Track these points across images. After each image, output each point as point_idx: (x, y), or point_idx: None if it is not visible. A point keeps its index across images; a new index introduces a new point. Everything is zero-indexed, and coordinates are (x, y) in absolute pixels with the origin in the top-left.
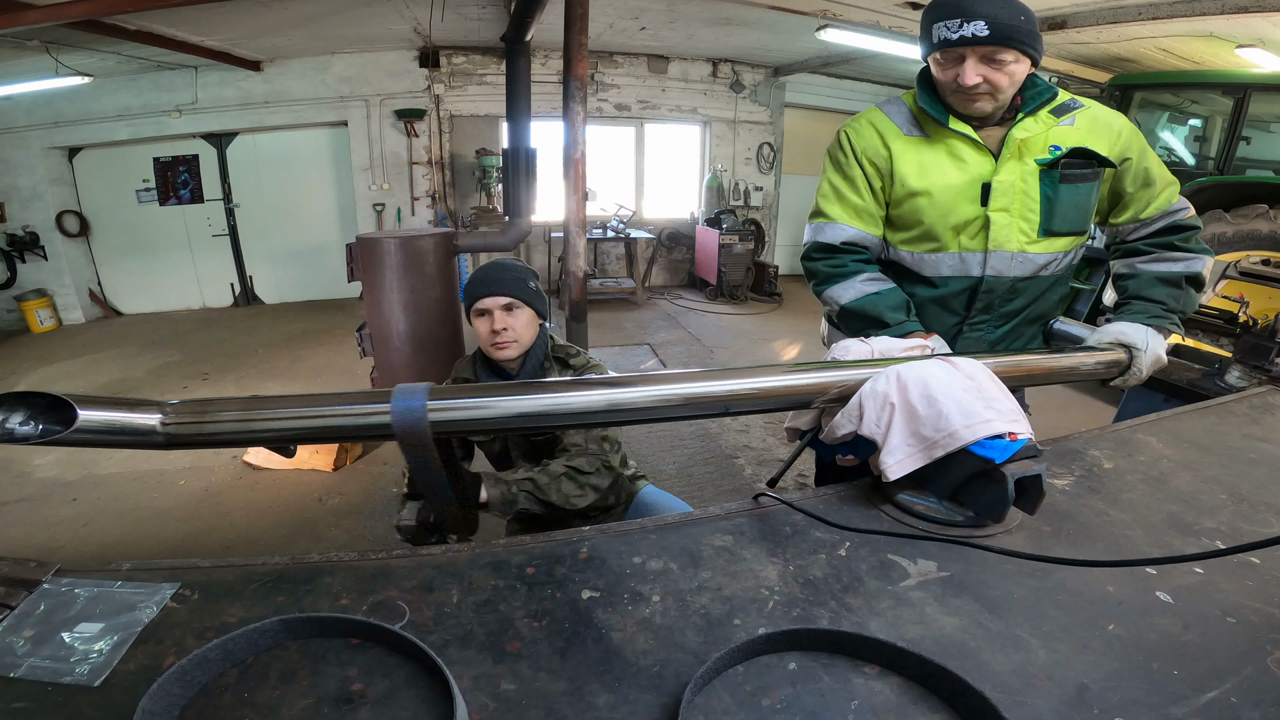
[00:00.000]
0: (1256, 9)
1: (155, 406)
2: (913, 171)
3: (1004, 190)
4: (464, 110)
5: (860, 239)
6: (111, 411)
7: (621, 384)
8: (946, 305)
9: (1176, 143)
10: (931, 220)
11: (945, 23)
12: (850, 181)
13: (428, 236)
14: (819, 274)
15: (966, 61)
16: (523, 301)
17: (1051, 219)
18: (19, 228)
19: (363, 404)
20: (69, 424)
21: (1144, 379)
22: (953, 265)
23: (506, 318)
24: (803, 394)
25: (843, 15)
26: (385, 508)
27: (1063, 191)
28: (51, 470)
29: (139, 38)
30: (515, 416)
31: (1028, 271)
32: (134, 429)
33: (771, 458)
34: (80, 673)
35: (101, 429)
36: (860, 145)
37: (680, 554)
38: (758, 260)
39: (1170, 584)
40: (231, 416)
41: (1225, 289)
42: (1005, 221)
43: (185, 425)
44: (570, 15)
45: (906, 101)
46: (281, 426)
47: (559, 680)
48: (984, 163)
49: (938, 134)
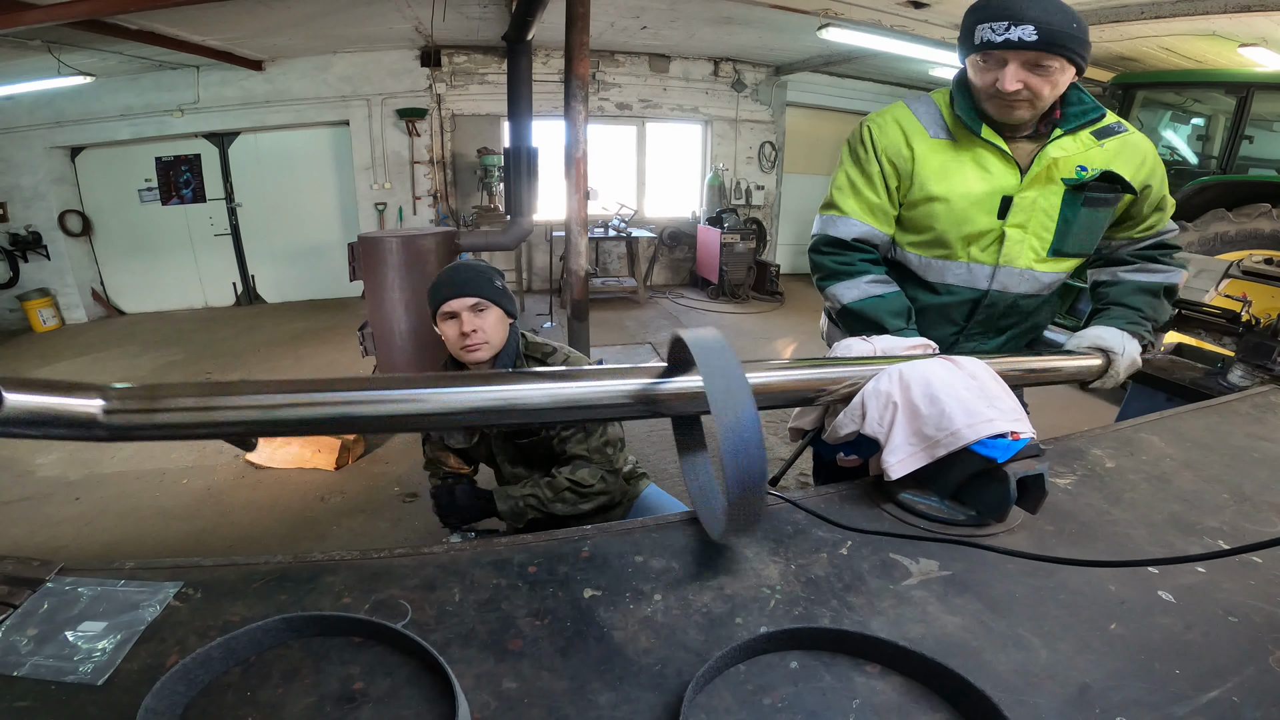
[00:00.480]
0: (1259, 8)
1: (97, 391)
2: (934, 176)
3: (1024, 206)
4: (465, 109)
5: (871, 236)
6: (44, 396)
7: (616, 376)
8: (947, 314)
9: (1179, 142)
10: (945, 227)
11: (991, 24)
12: (868, 177)
13: (429, 236)
14: (825, 269)
15: (1009, 66)
16: (490, 301)
17: (1065, 240)
18: (22, 227)
19: (330, 392)
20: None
21: (1120, 381)
22: (959, 275)
23: (475, 319)
24: (804, 391)
25: (844, 14)
26: (388, 506)
27: (1083, 214)
28: (54, 469)
29: (141, 37)
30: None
31: (1032, 289)
32: (70, 418)
33: (772, 457)
34: (83, 671)
35: (30, 418)
36: (883, 143)
37: (682, 553)
38: (759, 259)
39: (1172, 583)
40: (188, 404)
41: (1228, 288)
42: (1019, 238)
43: (134, 415)
44: (571, 14)
45: (937, 101)
46: (242, 418)
47: (561, 679)
48: (1009, 175)
49: (966, 140)
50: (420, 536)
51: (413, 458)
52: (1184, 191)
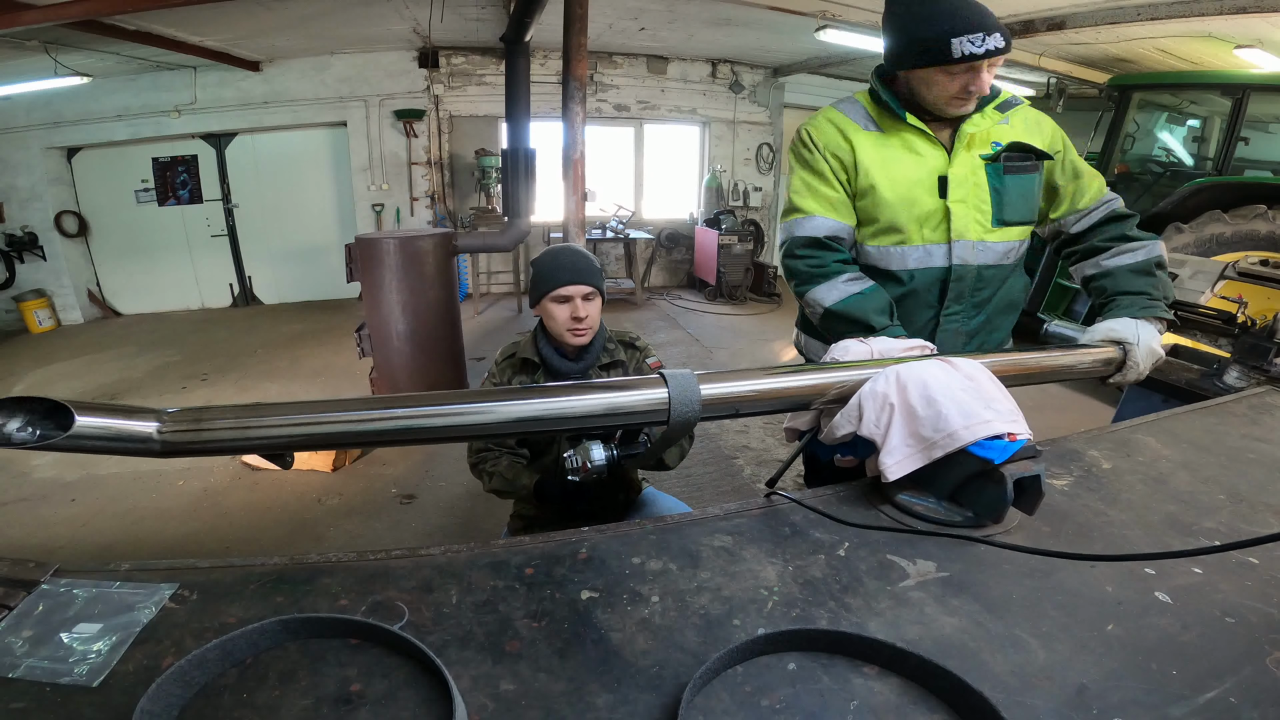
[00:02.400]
0: (1255, 9)
1: (153, 414)
2: (875, 163)
3: (959, 182)
4: (463, 111)
5: (838, 230)
6: (109, 418)
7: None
8: (919, 299)
9: (1175, 143)
10: (895, 211)
11: (969, 37)
12: (819, 175)
13: (427, 237)
14: (799, 274)
15: (983, 72)
16: (600, 291)
17: (1002, 209)
18: (18, 228)
19: (360, 410)
20: (66, 429)
21: (1144, 373)
22: (918, 258)
23: (587, 306)
24: (803, 395)
25: (841, 16)
26: (385, 508)
27: (1008, 183)
28: (50, 470)
29: (138, 38)
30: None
31: (991, 259)
32: (131, 436)
33: (771, 458)
34: (79, 673)
35: (98, 435)
36: (823, 140)
37: (679, 554)
38: (757, 261)
39: (1169, 584)
40: (228, 424)
41: (1224, 289)
42: (963, 212)
43: (182, 433)
44: (569, 15)
45: (860, 100)
46: (278, 434)
47: (558, 680)
48: (938, 156)
49: (893, 129)
50: (417, 538)
51: (410, 459)
52: (1180, 193)
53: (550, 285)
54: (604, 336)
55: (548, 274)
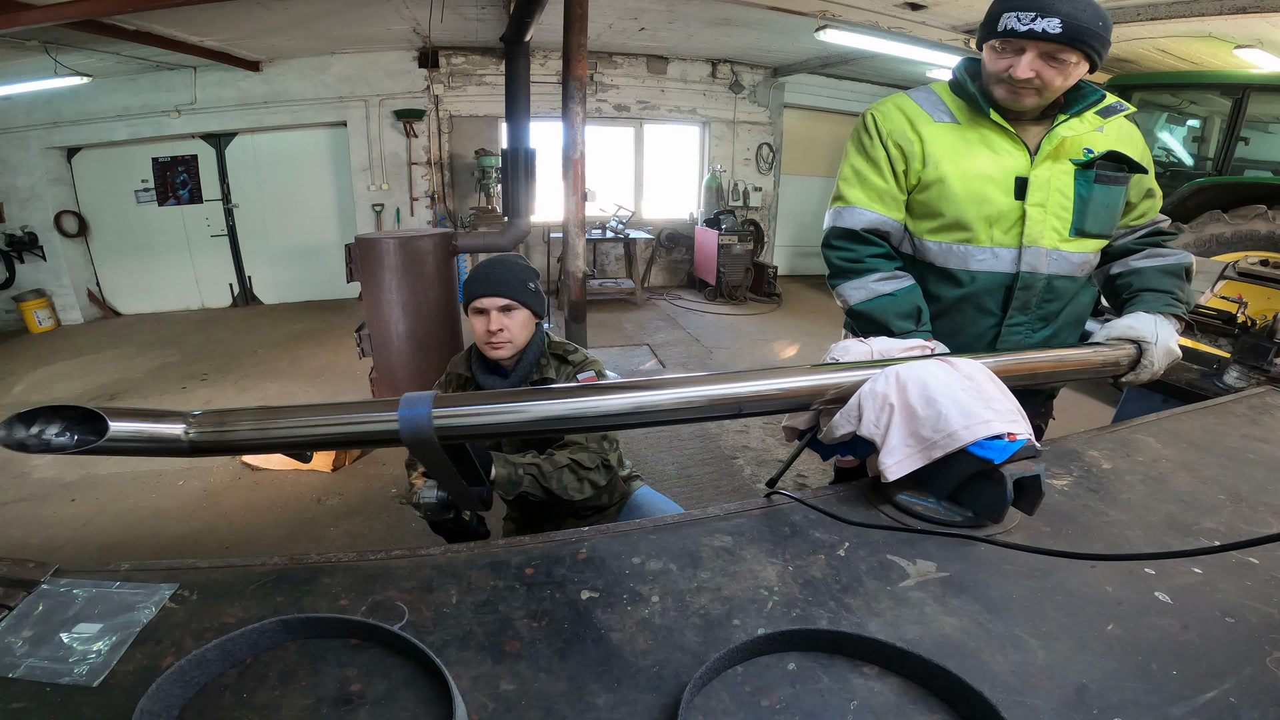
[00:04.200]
0: (1255, 9)
1: (180, 417)
2: (946, 155)
3: (1040, 185)
4: (463, 111)
5: (880, 224)
6: (140, 423)
7: (644, 387)
8: (980, 304)
9: (1175, 143)
10: (963, 208)
11: (1018, 13)
12: (874, 164)
13: (427, 237)
14: (833, 266)
15: (1026, 55)
16: (520, 303)
17: (1084, 219)
18: (18, 228)
19: (371, 412)
20: (101, 434)
21: (1159, 373)
22: (984, 260)
23: (502, 318)
24: (803, 395)
25: (842, 16)
26: (384, 508)
27: (1096, 192)
28: (50, 470)
29: (138, 38)
30: (529, 422)
31: (1065, 270)
32: (161, 438)
33: (770, 458)
34: (79, 673)
35: (131, 439)
36: (887, 127)
37: (679, 554)
38: (757, 261)
39: (1169, 584)
40: (249, 425)
41: (1224, 289)
42: (1040, 217)
43: (207, 434)
44: (569, 16)
45: (937, 90)
46: (296, 434)
47: (558, 680)
48: (1018, 156)
49: (972, 122)
50: (417, 538)
51: None
52: (1179, 193)
53: (468, 297)
54: (539, 351)
55: (468, 285)
